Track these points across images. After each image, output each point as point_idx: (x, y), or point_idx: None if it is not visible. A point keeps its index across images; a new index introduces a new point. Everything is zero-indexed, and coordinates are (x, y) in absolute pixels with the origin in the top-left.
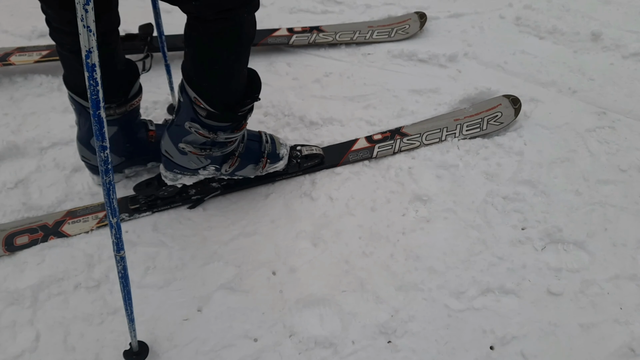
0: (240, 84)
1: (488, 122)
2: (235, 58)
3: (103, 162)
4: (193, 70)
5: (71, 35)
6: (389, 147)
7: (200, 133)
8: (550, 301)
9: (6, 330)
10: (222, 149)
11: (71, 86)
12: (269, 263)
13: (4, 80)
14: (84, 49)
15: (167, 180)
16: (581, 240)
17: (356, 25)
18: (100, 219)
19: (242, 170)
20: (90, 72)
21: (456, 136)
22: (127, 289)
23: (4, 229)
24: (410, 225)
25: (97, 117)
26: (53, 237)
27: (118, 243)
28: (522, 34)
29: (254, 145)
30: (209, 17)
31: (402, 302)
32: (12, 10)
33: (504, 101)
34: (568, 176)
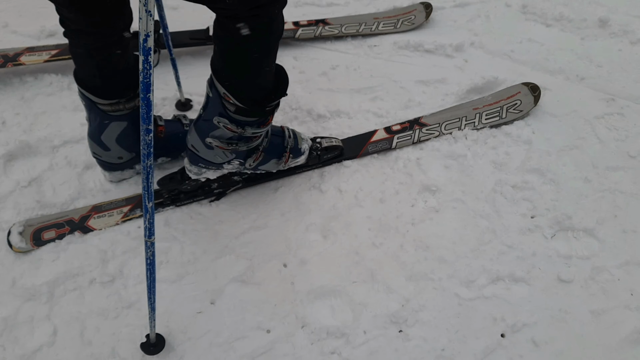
0: (269, 80)
1: (507, 111)
2: (265, 54)
3: (146, 145)
4: (223, 67)
5: (89, 35)
6: (408, 138)
7: (229, 128)
8: (560, 288)
9: (24, 325)
10: (248, 144)
11: (83, 82)
12: (280, 255)
13: (15, 80)
14: (143, 33)
15: (191, 174)
16: (591, 227)
17: (362, 17)
18: (124, 213)
19: (265, 165)
20: (145, 55)
21: (475, 125)
22: (153, 276)
23: (32, 224)
24: (420, 215)
25: (146, 100)
26: (80, 231)
27: (150, 228)
28: (529, 22)
29: (277, 140)
30: (241, 14)
31: (412, 291)
32: (20, 11)
33: (523, 89)
34: (577, 164)
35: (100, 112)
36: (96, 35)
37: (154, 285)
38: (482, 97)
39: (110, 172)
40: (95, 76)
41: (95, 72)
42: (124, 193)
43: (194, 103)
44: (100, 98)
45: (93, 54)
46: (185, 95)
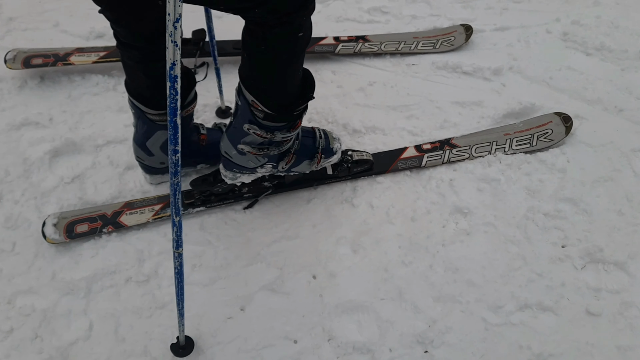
0: (296, 85)
1: (538, 139)
2: (292, 61)
3: (174, 164)
4: (251, 74)
5: (139, 49)
6: (437, 157)
7: (258, 134)
8: (588, 321)
9: (62, 318)
10: (278, 148)
11: (132, 92)
12: (310, 267)
13: (63, 78)
14: (169, 62)
15: (227, 180)
16: (622, 261)
17: (401, 35)
18: (156, 211)
19: (298, 167)
20: (172, 82)
21: (506, 151)
22: (181, 284)
23: (66, 217)
24: (450, 237)
25: (173, 123)
26: (111, 227)
27: (178, 240)
28: (569, 49)
29: (308, 141)
30: (270, 22)
31: (439, 313)
32: (71, 11)
33: (555, 118)
34: (611, 196)
35: (148, 120)
36: (144, 49)
37: (183, 293)
38: (513, 123)
39: (152, 175)
40: (144, 88)
41: (144, 84)
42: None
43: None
44: (149, 108)
45: (142, 67)
46: (225, 103)
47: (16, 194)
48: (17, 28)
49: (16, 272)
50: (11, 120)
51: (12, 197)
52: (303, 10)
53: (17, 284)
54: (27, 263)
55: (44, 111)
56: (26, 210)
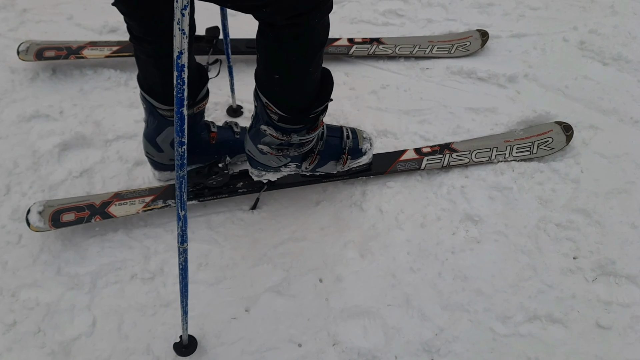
0: (312, 88)
1: (538, 147)
2: (306, 63)
3: (180, 156)
4: (264, 76)
5: (152, 43)
6: (437, 161)
7: (274, 136)
8: (598, 334)
9: (65, 313)
10: (299, 149)
11: (144, 87)
12: (317, 270)
13: (75, 72)
14: (176, 50)
15: (253, 176)
16: (634, 274)
17: (416, 39)
18: (146, 203)
19: (323, 167)
20: (179, 71)
21: (505, 157)
22: (185, 281)
23: (52, 205)
24: (460, 245)
25: (179, 113)
26: (99, 217)
27: (183, 235)
28: (586, 58)
29: (334, 141)
30: (280, 22)
31: (447, 321)
32: (85, 5)
33: (556, 127)
34: (625, 208)
35: (159, 116)
36: (157, 43)
37: (187, 290)
38: (514, 131)
39: (160, 172)
40: (156, 82)
41: (157, 79)
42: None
43: (244, 110)
44: (160, 103)
45: (154, 62)
46: (237, 102)
47: (24, 186)
48: (31, 20)
49: (21, 264)
50: (22, 112)
51: (20, 189)
52: (315, 11)
53: (22, 276)
54: (32, 256)
55: (55, 104)
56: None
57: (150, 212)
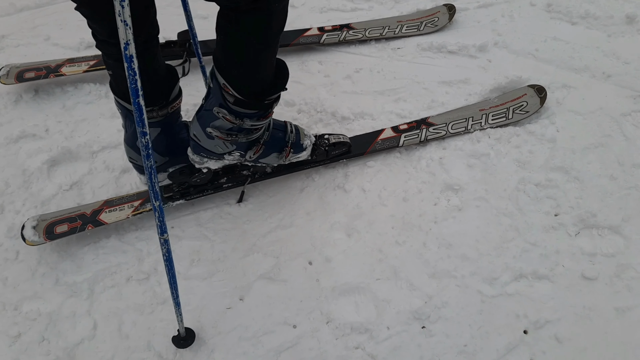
0: (268, 73)
1: (514, 112)
2: (265, 47)
3: (144, 147)
4: (223, 58)
5: (116, 45)
6: (415, 137)
7: (227, 119)
8: (584, 286)
9: (67, 320)
10: (247, 136)
11: (117, 92)
12: (306, 253)
13: (57, 90)
14: (123, 41)
15: (194, 164)
16: (616, 224)
17: (385, 20)
18: (135, 207)
19: (266, 158)
20: (128, 62)
21: (482, 125)
22: (172, 272)
23: (45, 219)
24: (442, 214)
25: (137, 104)
26: (91, 225)
27: (161, 226)
28: (554, 20)
29: (278, 134)
30: (243, 6)
31: (435, 288)
32: (60, 24)
33: (529, 91)
34: (602, 161)
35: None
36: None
37: (175, 281)
38: (488, 99)
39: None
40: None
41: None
42: None
43: None
44: None
45: (121, 64)
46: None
47: (17, 205)
48: (10, 45)
49: (21, 279)
50: (9, 134)
51: (13, 208)
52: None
53: (23, 290)
54: (30, 270)
55: (40, 123)
56: None
57: (140, 215)
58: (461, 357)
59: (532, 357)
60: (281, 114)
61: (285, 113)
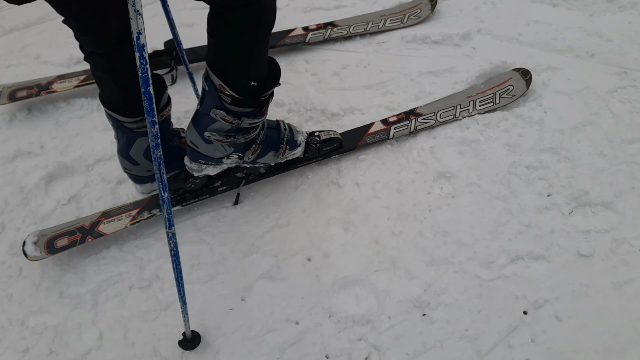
0: (262, 70)
1: (500, 96)
2: (256, 43)
3: (154, 137)
4: (217, 58)
5: (104, 57)
6: (404, 128)
7: (226, 119)
8: (580, 263)
9: (73, 331)
10: (245, 135)
11: (107, 103)
12: (304, 250)
13: (49, 107)
14: (135, 32)
15: (192, 172)
16: (609, 200)
17: (368, 16)
18: (133, 216)
19: (263, 158)
20: (140, 51)
21: (470, 112)
22: (179, 267)
23: (45, 234)
24: (436, 202)
25: (147, 94)
26: (91, 237)
27: (169, 219)
28: (535, 3)
29: (273, 133)
30: (234, 4)
31: (433, 276)
32: (49, 43)
33: (514, 74)
34: (591, 139)
35: (126, 129)
36: (110, 56)
37: (182, 277)
38: (474, 86)
39: (141, 185)
40: (116, 96)
41: (116, 93)
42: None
43: None
44: (125, 117)
45: (111, 76)
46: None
47: (17, 222)
48: (1, 66)
49: (25, 294)
50: (5, 153)
51: (14, 225)
52: None
53: (28, 305)
54: (34, 285)
55: (35, 140)
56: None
57: (139, 224)
58: (463, 342)
59: (533, 337)
60: (272, 114)
61: (275, 113)
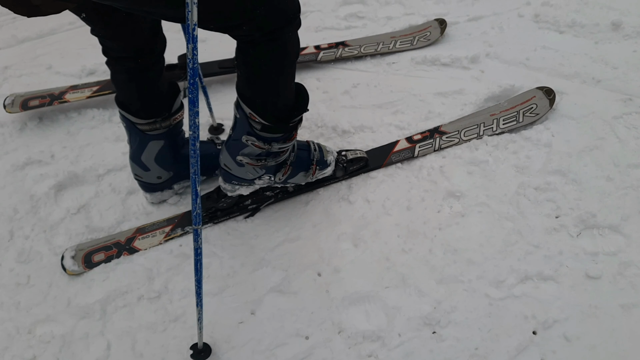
0: (290, 97)
1: (524, 115)
2: (282, 75)
3: (196, 127)
4: (246, 89)
5: (130, 59)
6: (429, 146)
7: (256, 145)
8: (589, 284)
9: (80, 341)
10: (275, 159)
11: (123, 105)
12: (314, 265)
13: (61, 116)
14: (192, 23)
15: (226, 192)
16: (616, 224)
17: (379, 37)
18: (166, 233)
19: (294, 178)
20: (194, 43)
21: (494, 130)
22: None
23: (82, 249)
24: (446, 220)
25: (194, 84)
26: (126, 252)
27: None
28: (542, 30)
29: (303, 154)
30: (258, 39)
31: (443, 294)
32: (62, 53)
33: (538, 93)
34: (598, 163)
35: (139, 132)
36: (135, 60)
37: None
38: (498, 104)
39: (151, 194)
40: (134, 98)
41: (135, 95)
42: (165, 214)
43: (225, 127)
44: (138, 118)
45: (133, 78)
46: (217, 120)
47: (26, 230)
48: (13, 75)
49: (33, 302)
50: (15, 161)
51: (22, 233)
52: (288, 27)
53: (35, 314)
54: (42, 293)
55: (45, 149)
56: (37, 244)
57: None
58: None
59: (542, 357)
60: None
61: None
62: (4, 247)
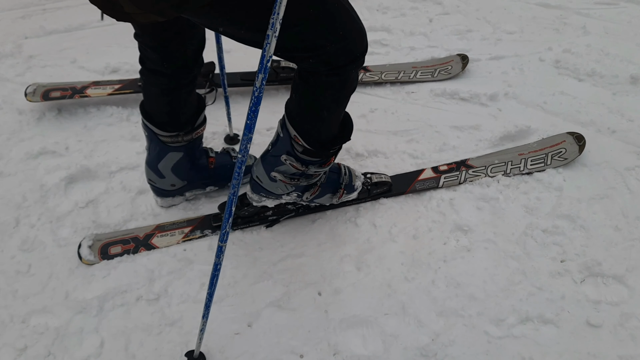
0: (337, 127)
1: (552, 158)
2: (337, 107)
3: (246, 152)
4: (297, 113)
5: (167, 76)
6: (454, 178)
7: (294, 165)
8: (589, 332)
9: (74, 336)
10: (308, 180)
11: (148, 116)
12: (315, 284)
13: (80, 110)
14: (267, 55)
15: (252, 201)
16: (621, 274)
17: (401, 65)
18: (185, 233)
19: (321, 199)
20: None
21: (521, 170)
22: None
23: (100, 239)
24: (451, 253)
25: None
26: (143, 248)
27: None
28: (562, 76)
29: (333, 176)
30: (322, 72)
31: (442, 326)
32: (87, 49)
33: (568, 138)
34: (607, 212)
35: (160, 142)
36: (172, 76)
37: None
38: (528, 144)
39: (162, 198)
40: (162, 112)
41: (164, 109)
42: (172, 217)
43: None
44: (162, 131)
45: (166, 93)
46: (234, 131)
47: (32, 219)
48: (37, 65)
49: (31, 292)
50: (29, 149)
51: (28, 222)
52: (353, 64)
53: (32, 303)
54: (41, 284)
55: (61, 141)
56: (42, 234)
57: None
58: None
59: None
60: None
61: None
62: (8, 234)
